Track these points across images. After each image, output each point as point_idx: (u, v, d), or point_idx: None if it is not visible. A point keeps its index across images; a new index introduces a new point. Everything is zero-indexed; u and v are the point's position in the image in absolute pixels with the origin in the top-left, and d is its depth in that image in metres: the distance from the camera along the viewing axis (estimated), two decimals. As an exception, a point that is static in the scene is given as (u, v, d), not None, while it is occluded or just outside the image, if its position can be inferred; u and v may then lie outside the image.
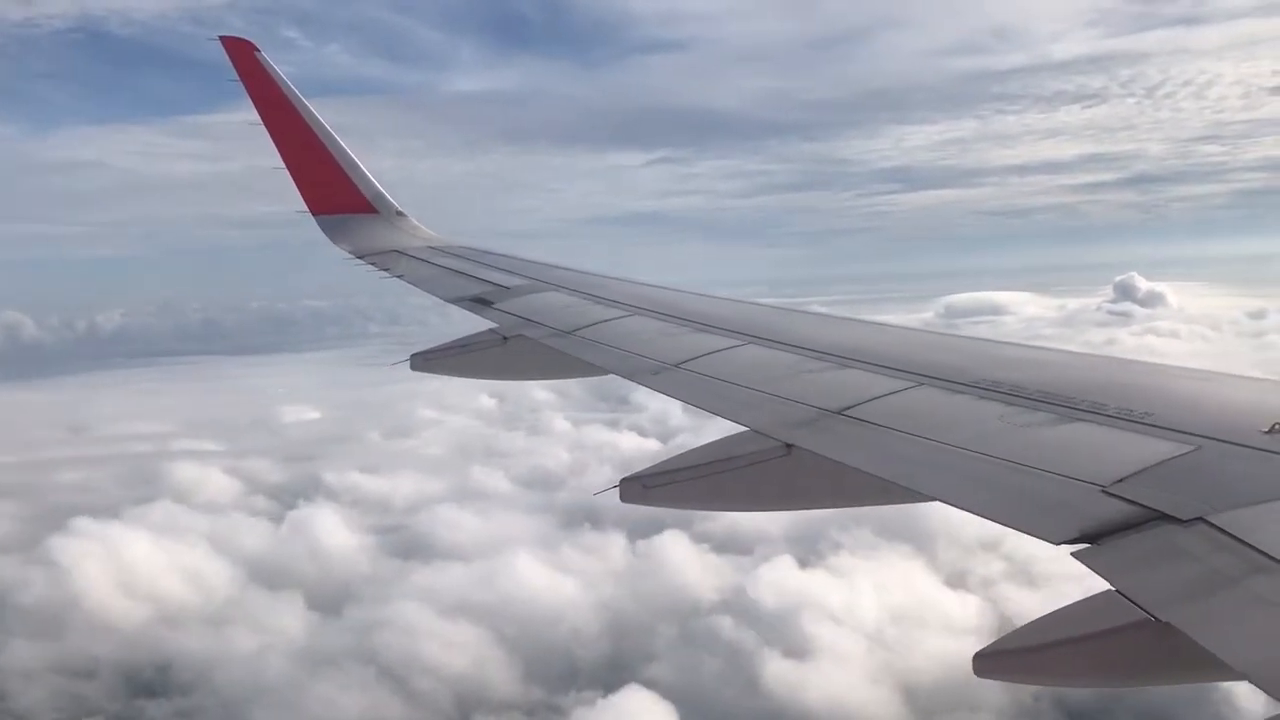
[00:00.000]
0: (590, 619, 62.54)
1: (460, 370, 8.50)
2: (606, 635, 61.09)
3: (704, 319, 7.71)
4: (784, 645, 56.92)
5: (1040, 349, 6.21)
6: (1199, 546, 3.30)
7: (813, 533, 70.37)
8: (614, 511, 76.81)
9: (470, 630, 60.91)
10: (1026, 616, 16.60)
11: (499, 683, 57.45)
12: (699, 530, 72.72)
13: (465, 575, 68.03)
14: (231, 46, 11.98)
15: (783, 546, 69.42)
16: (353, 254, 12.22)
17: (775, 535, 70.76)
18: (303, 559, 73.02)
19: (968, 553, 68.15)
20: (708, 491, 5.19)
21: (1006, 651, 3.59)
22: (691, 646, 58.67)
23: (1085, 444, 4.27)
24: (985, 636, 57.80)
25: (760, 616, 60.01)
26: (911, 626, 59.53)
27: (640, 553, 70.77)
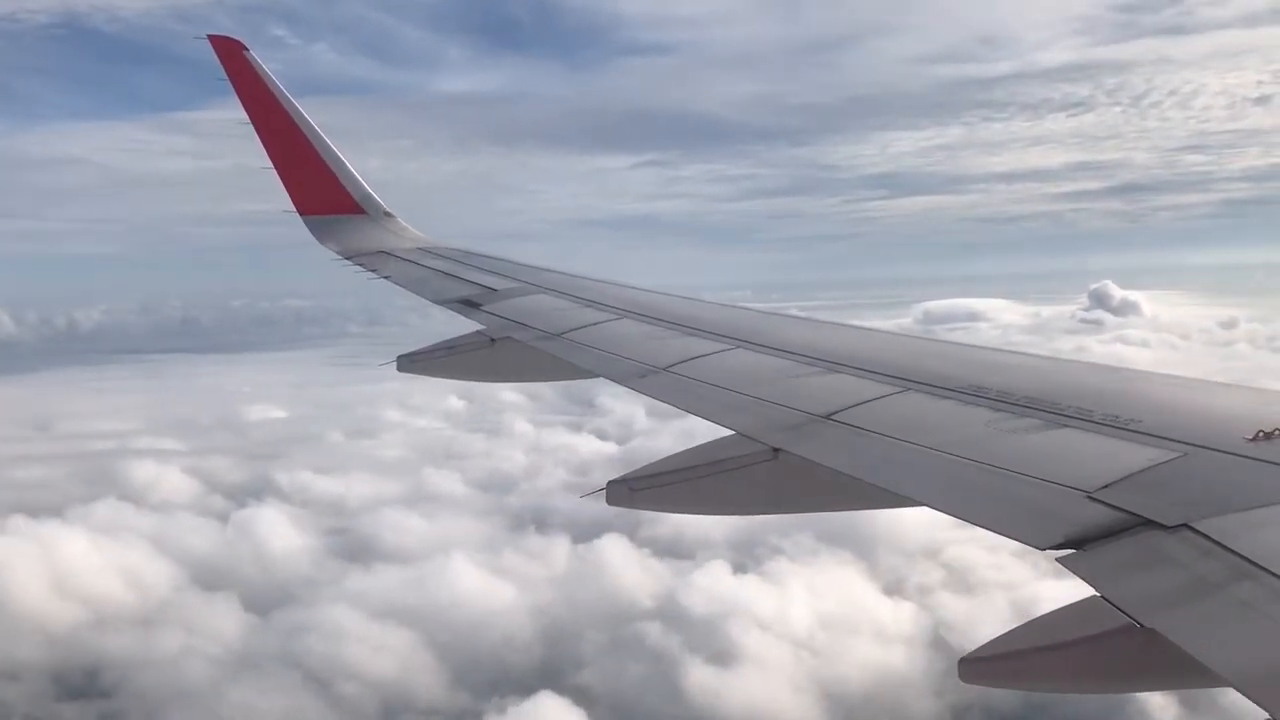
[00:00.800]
0: (525, 624, 62.00)
1: (447, 372, 8.48)
2: (540, 641, 60.64)
3: (692, 323, 7.70)
4: (709, 652, 56.53)
5: (1027, 355, 6.22)
6: (1184, 553, 3.30)
7: (754, 538, 70.32)
8: (562, 514, 77.79)
9: (402, 634, 60.21)
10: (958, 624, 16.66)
11: (426, 688, 56.67)
12: (644, 534, 72.78)
13: (403, 579, 67.49)
14: (220, 45, 11.94)
15: (724, 552, 69.42)
16: (341, 255, 12.19)
17: (719, 540, 70.73)
18: (245, 560, 72.30)
19: (908, 560, 68.28)
20: (694, 495, 5.18)
21: (991, 657, 3.58)
22: (618, 653, 58.29)
23: (1071, 450, 4.27)
24: (915, 645, 57.89)
25: (688, 623, 59.65)
26: (842, 634, 59.37)
27: (580, 557, 70.59)
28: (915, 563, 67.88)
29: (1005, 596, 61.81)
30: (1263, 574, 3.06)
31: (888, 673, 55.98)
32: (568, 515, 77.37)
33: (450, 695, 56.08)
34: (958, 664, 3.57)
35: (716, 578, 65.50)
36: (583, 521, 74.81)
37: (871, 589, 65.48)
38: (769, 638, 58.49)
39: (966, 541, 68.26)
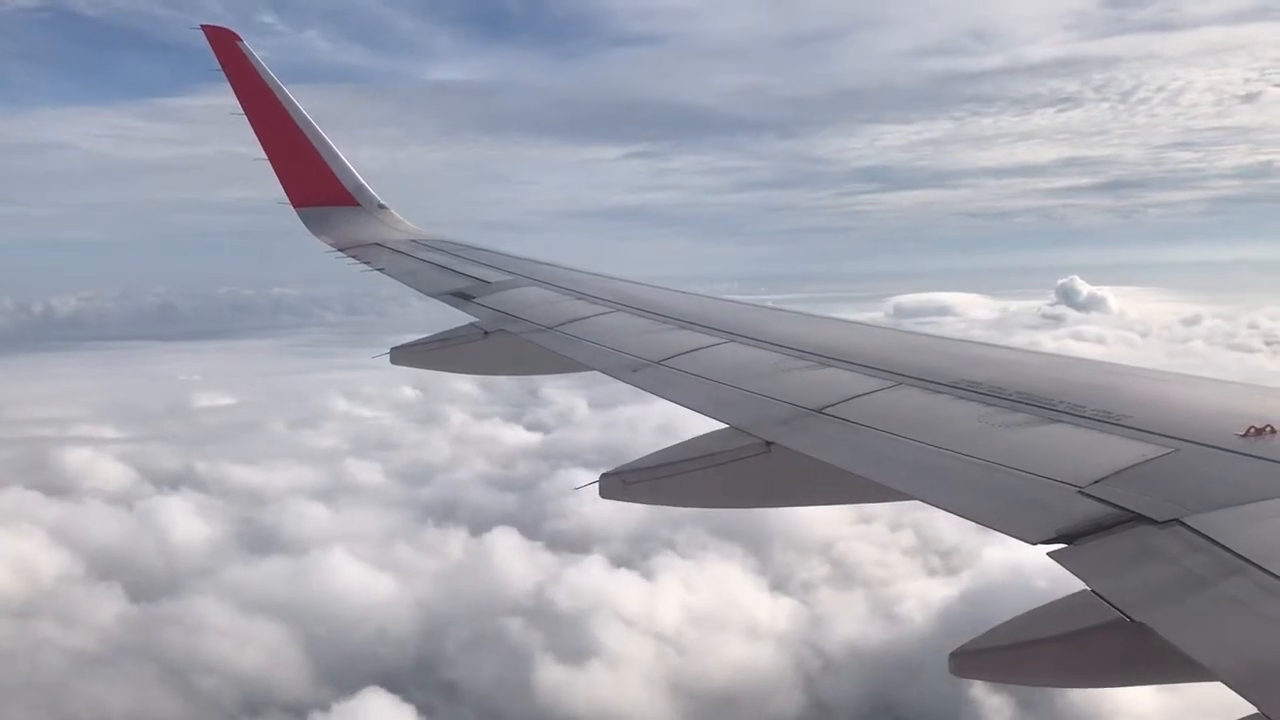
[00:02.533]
0: (403, 618, 61.50)
1: (440, 364, 8.48)
2: (415, 636, 60.09)
3: (685, 316, 7.71)
4: (566, 649, 56.21)
5: (1020, 350, 6.23)
6: (1174, 548, 3.31)
7: (650, 531, 70.41)
8: (469, 506, 78.21)
9: (274, 628, 59.50)
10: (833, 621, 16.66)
11: (289, 683, 55.75)
12: (549, 528, 73.16)
13: (288, 571, 66.80)
14: (214, 36, 11.90)
15: (619, 546, 69.44)
16: (334, 246, 12.17)
17: (617, 533, 70.89)
18: (144, 550, 71.64)
19: (801, 555, 68.34)
20: (686, 488, 5.19)
21: (982, 650, 3.59)
22: (480, 649, 57.79)
23: (1063, 445, 4.28)
24: (787, 642, 57.96)
25: (552, 619, 59.44)
26: (714, 630, 59.10)
27: (471, 550, 70.38)
28: (806, 559, 67.96)
29: (882, 594, 62.61)
30: (1253, 569, 3.07)
31: (753, 670, 55.79)
32: (474, 507, 77.83)
33: (314, 691, 55.05)
34: (949, 657, 3.58)
35: (591, 573, 65.27)
36: (488, 513, 75.44)
37: (759, 584, 65.44)
38: (633, 634, 58.11)
39: (857, 538, 69.27)
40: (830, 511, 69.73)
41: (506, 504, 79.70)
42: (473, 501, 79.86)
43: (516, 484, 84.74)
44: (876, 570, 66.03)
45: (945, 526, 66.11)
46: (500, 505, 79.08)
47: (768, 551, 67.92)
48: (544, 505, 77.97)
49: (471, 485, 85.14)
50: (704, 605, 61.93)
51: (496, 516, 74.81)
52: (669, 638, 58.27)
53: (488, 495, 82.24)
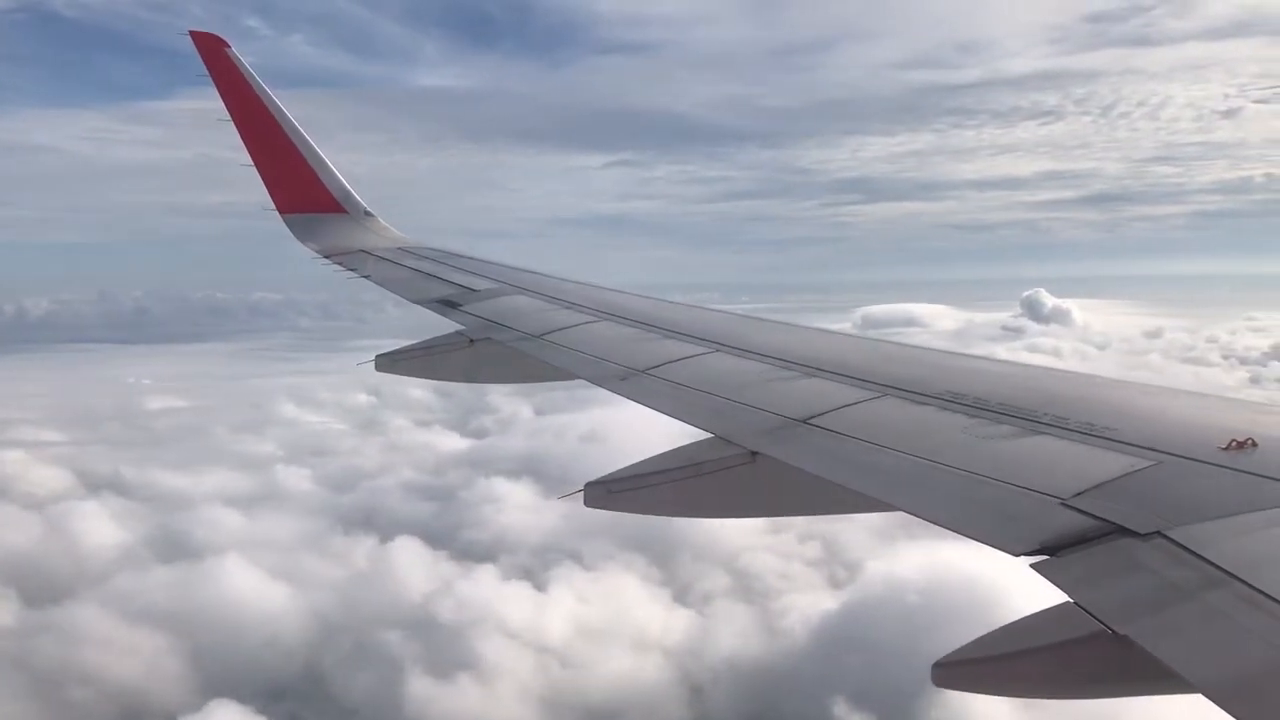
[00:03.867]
0: (293, 628, 60.66)
1: (425, 372, 8.47)
2: (302, 646, 59.22)
3: (672, 326, 7.72)
4: (443, 661, 55.58)
5: (1004, 362, 6.25)
6: (1156, 560, 3.32)
7: (558, 542, 70.42)
8: (386, 515, 78.09)
9: (161, 638, 58.19)
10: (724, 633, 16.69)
11: (168, 695, 54.19)
12: (459, 537, 73.02)
13: (186, 578, 65.73)
14: (201, 42, 11.87)
15: (524, 556, 69.41)
16: (320, 254, 12.14)
17: (528, 544, 70.97)
18: (50, 556, 70.38)
19: (707, 566, 68.18)
20: (671, 497, 5.18)
21: (964, 661, 3.59)
22: (359, 660, 57.20)
23: (1047, 457, 4.30)
24: (676, 655, 57.77)
25: (435, 630, 58.68)
26: (602, 643, 58.69)
27: (373, 559, 69.94)
28: (711, 570, 67.80)
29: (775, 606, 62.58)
30: (1234, 582, 3.09)
31: (638, 683, 55.46)
32: (391, 515, 77.64)
33: (193, 701, 53.51)
34: (931, 668, 3.58)
35: (482, 584, 64.92)
36: (402, 522, 75.26)
37: (659, 596, 65.25)
38: (515, 647, 57.63)
39: (765, 550, 69.19)
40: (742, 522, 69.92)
41: (423, 513, 79.55)
42: (391, 509, 79.66)
43: (439, 492, 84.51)
44: (777, 582, 66.02)
45: (853, 538, 66.55)
46: (417, 514, 78.96)
47: (674, 563, 67.78)
48: (462, 514, 78.09)
49: (393, 493, 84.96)
50: (597, 617, 61.54)
51: (410, 525, 74.64)
52: (554, 650, 57.82)
53: (407, 503, 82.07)
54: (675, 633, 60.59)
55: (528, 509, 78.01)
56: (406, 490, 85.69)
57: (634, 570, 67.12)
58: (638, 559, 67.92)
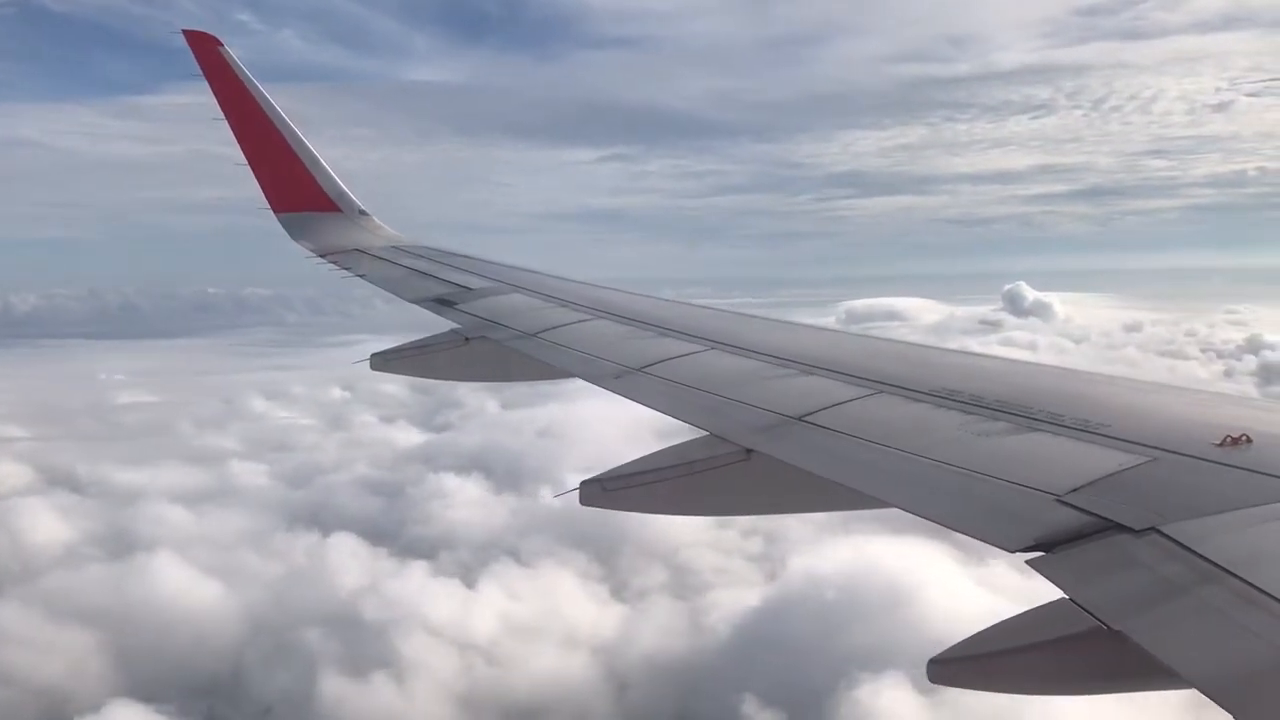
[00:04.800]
0: (223, 626, 59.81)
1: (420, 370, 8.46)
2: (230, 644, 58.41)
3: (667, 324, 7.71)
4: (362, 659, 54.85)
5: (1000, 359, 6.26)
6: (1151, 556, 3.32)
7: (499, 539, 70.23)
8: (333, 511, 77.45)
9: (88, 636, 57.04)
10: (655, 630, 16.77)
11: (91, 694, 52.74)
12: (404, 534, 72.79)
13: (119, 575, 64.75)
14: (195, 40, 11.85)
15: (464, 553, 68.90)
16: (315, 252, 12.13)
17: (470, 540, 70.60)
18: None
19: (647, 561, 67.78)
20: (667, 495, 5.18)
21: (960, 659, 3.60)
22: (280, 658, 56.41)
23: (1042, 453, 4.30)
24: (604, 652, 57.28)
25: (358, 628, 57.89)
26: (532, 640, 58.19)
27: (311, 556, 69.23)
28: (650, 566, 67.42)
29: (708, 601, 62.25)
30: (1228, 578, 3.09)
31: (564, 681, 55.15)
32: (338, 511, 77.24)
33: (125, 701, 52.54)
34: (926, 665, 3.59)
35: (412, 581, 64.49)
36: (348, 518, 75.00)
37: (596, 593, 64.85)
38: (439, 644, 57.03)
39: (706, 545, 68.88)
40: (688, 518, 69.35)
41: (371, 508, 79.17)
42: (339, 505, 79.17)
43: (391, 488, 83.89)
44: (713, 578, 65.71)
45: (799, 533, 65.99)
46: (365, 510, 78.62)
47: (616, 559, 67.40)
48: (410, 510, 77.75)
49: (345, 489, 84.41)
50: (527, 615, 61.04)
51: (357, 521, 74.33)
52: (480, 648, 57.32)
53: (357, 499, 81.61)
54: (606, 629, 60.19)
55: (476, 505, 77.96)
56: (359, 486, 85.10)
57: (573, 567, 66.67)
58: (578, 556, 67.52)
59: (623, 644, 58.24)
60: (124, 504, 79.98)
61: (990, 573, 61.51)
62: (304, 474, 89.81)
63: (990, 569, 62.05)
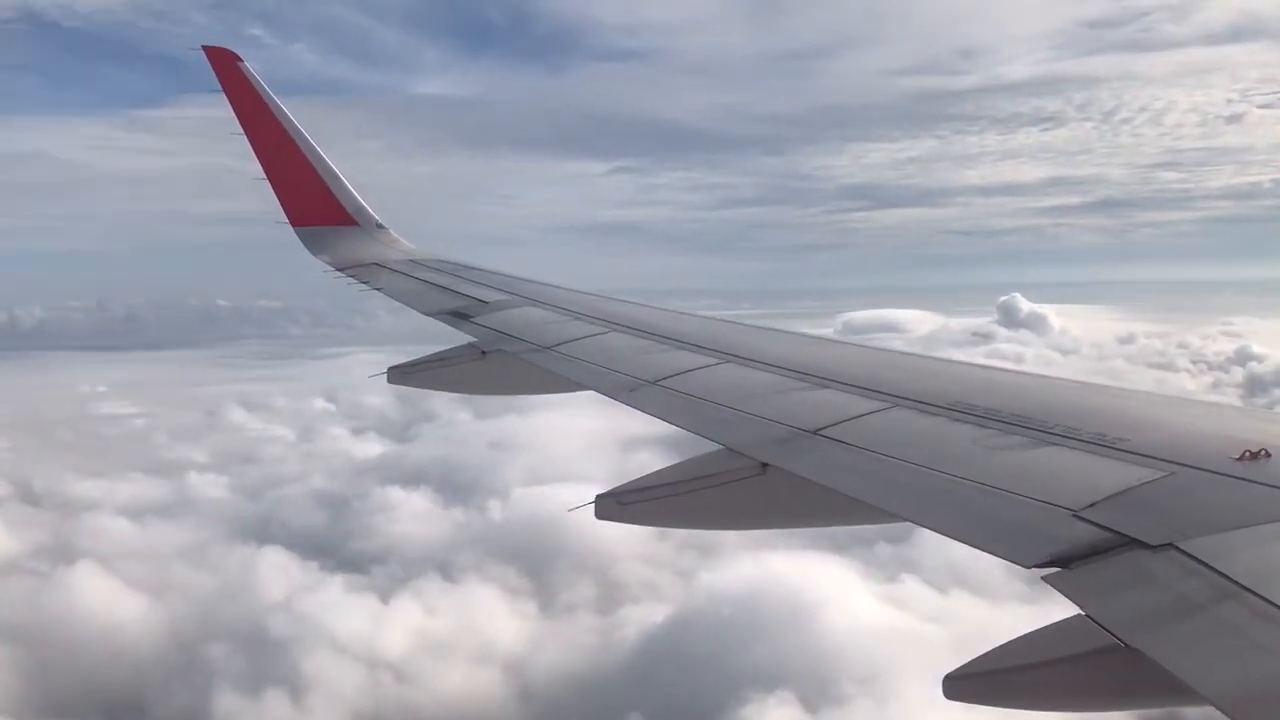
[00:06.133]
0: (144, 641, 59.24)
1: (437, 384, 8.48)
2: (148, 660, 57.61)
3: (682, 337, 7.71)
4: (259, 677, 54.19)
5: (1015, 372, 6.22)
6: (1169, 572, 3.30)
7: (433, 553, 69.97)
8: (279, 524, 77.43)
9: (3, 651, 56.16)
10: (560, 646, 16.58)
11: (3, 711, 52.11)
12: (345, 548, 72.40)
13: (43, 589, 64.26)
14: (214, 56, 11.95)
15: (395, 567, 68.69)
16: (332, 266, 12.18)
17: (406, 555, 70.41)
18: None
19: (581, 577, 67.43)
20: (681, 509, 5.17)
21: (976, 674, 3.57)
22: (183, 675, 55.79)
23: (1058, 468, 4.27)
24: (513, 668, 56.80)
25: (262, 645, 57.28)
26: (446, 657, 57.75)
27: (240, 570, 68.72)
28: (580, 580, 67.02)
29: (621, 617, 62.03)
30: (1247, 594, 3.06)
31: (473, 697, 54.78)
32: (283, 524, 77.27)
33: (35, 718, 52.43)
34: (942, 681, 3.56)
35: (329, 597, 63.96)
36: (293, 531, 75.07)
37: (523, 609, 64.52)
38: (344, 661, 56.48)
39: (640, 559, 68.52)
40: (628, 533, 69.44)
41: (317, 522, 79.00)
42: (286, 519, 79.04)
43: (340, 501, 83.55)
44: (640, 592, 65.44)
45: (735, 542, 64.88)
46: (310, 523, 78.49)
47: (548, 574, 67.20)
48: (354, 524, 77.54)
49: (296, 502, 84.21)
50: (446, 630, 60.69)
51: (299, 534, 74.25)
52: (391, 664, 56.91)
53: (305, 513, 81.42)
54: (521, 645, 59.97)
55: (420, 519, 77.97)
56: (310, 499, 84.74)
57: (503, 581, 66.41)
58: (510, 570, 67.30)
59: (533, 660, 58.00)
60: (72, 516, 79.83)
61: (902, 590, 61.80)
62: (261, 487, 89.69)
63: (902, 586, 62.24)
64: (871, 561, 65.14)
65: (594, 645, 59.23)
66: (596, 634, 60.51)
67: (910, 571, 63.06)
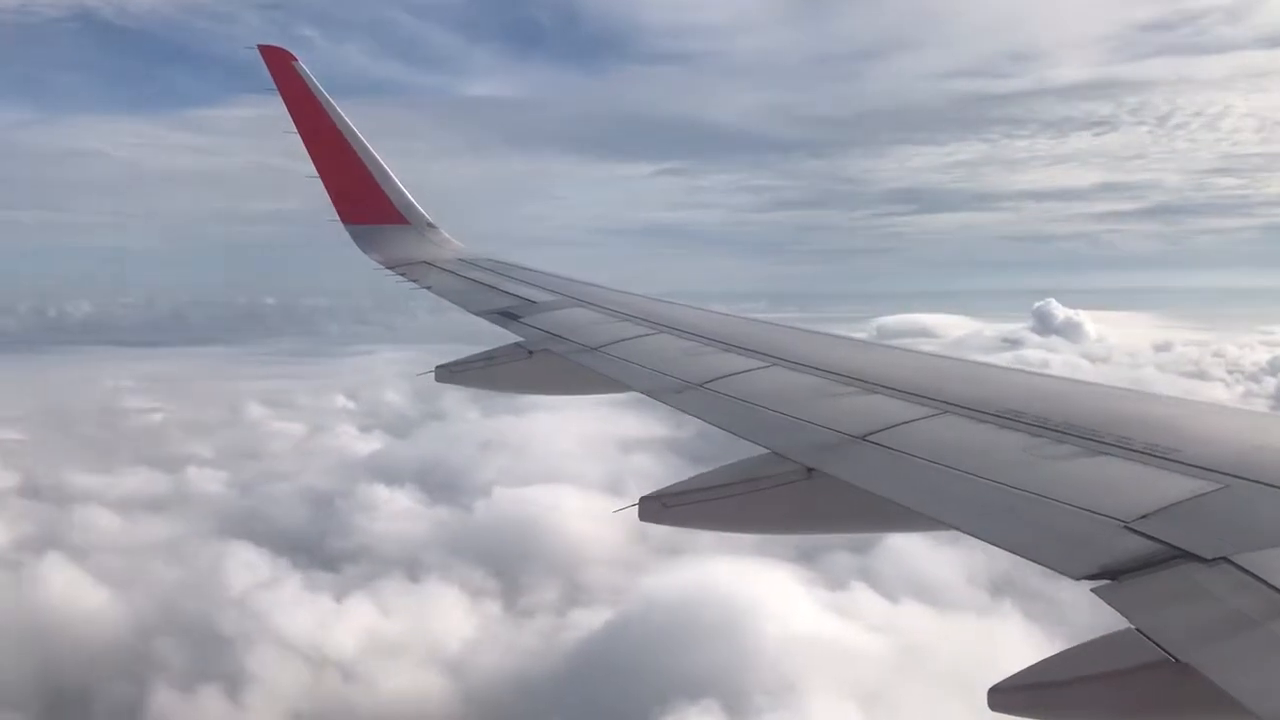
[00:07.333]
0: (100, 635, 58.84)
1: (485, 383, 8.52)
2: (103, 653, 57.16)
3: (729, 339, 7.69)
4: (200, 673, 53.94)
5: (1066, 380, 6.15)
6: (1222, 587, 3.24)
7: (408, 553, 69.74)
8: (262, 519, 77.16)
9: None
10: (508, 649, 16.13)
11: None
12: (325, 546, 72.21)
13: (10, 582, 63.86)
14: (269, 56, 12.10)
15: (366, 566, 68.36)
16: (383, 264, 12.30)
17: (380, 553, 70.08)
18: None
19: (550, 580, 66.85)
20: (725, 512, 5.16)
21: (1022, 687, 3.53)
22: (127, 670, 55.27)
23: (1109, 478, 4.22)
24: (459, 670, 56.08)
25: (209, 641, 57.04)
26: (395, 657, 57.35)
27: (210, 565, 68.42)
28: (548, 583, 66.60)
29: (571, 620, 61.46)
30: (1302, 611, 3.00)
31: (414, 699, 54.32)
32: (266, 520, 77.29)
33: None
34: (987, 693, 3.53)
35: (284, 594, 63.76)
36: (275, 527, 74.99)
37: (488, 609, 63.98)
38: (290, 659, 56.13)
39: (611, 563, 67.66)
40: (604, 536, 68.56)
41: (299, 519, 79.01)
42: (270, 515, 79.14)
43: (326, 498, 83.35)
44: (603, 594, 64.65)
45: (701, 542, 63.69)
46: (292, 520, 78.44)
47: (517, 576, 66.91)
48: (333, 521, 77.53)
49: (284, 498, 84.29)
50: (400, 631, 60.49)
51: (278, 531, 74.21)
52: (340, 664, 56.60)
53: (290, 509, 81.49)
54: (472, 647, 59.73)
55: (401, 517, 78.04)
56: (298, 496, 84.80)
57: (469, 582, 66.24)
58: (478, 571, 67.14)
59: (479, 662, 57.80)
60: (64, 509, 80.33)
61: (850, 598, 61.09)
62: (256, 483, 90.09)
63: (851, 594, 61.50)
64: (828, 569, 64.56)
65: (537, 648, 59.22)
66: (543, 637, 60.50)
67: (865, 580, 62.57)
